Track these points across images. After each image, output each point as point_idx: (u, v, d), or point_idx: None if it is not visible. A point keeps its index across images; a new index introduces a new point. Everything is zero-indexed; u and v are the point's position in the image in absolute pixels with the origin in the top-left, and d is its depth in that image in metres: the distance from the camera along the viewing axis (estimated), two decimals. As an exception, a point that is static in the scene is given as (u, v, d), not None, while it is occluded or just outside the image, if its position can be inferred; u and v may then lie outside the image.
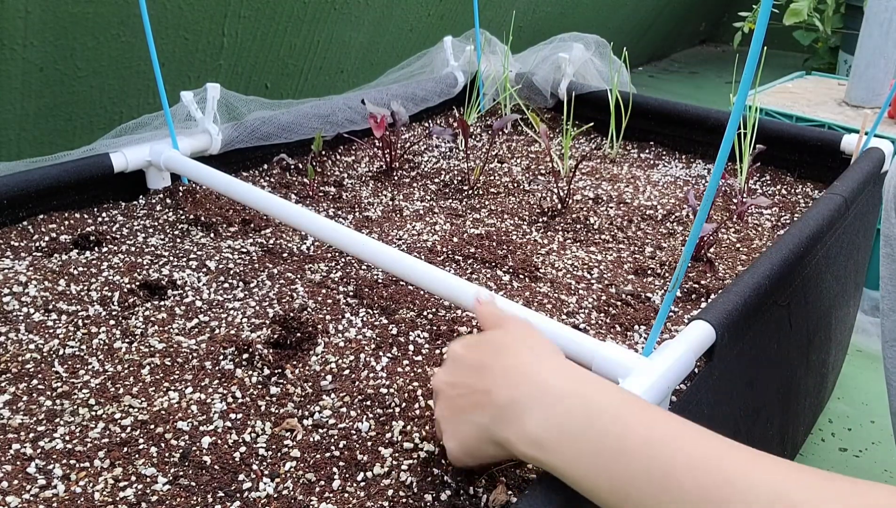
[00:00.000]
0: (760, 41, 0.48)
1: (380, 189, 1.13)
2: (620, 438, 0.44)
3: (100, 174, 0.99)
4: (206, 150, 1.10)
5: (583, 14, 3.15)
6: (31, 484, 0.54)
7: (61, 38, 1.40)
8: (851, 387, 1.43)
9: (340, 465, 0.57)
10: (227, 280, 0.83)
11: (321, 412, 0.62)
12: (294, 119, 1.19)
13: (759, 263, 0.76)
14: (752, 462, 0.41)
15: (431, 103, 1.44)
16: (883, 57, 1.83)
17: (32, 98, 1.44)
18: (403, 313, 0.78)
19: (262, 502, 0.53)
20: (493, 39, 1.52)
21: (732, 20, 2.77)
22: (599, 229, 1.02)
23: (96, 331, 0.73)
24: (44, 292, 0.79)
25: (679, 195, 1.13)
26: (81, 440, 0.59)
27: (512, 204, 1.09)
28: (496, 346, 0.53)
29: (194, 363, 0.68)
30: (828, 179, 1.16)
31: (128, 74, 1.57)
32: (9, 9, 1.28)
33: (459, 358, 0.54)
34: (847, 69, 2.44)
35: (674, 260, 0.93)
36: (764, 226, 1.05)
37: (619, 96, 1.29)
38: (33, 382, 0.65)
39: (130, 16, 1.47)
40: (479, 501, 0.54)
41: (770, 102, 1.89)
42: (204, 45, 1.69)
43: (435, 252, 0.93)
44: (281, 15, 1.79)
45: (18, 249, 0.88)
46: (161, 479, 0.55)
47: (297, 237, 0.96)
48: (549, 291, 0.84)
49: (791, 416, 1.01)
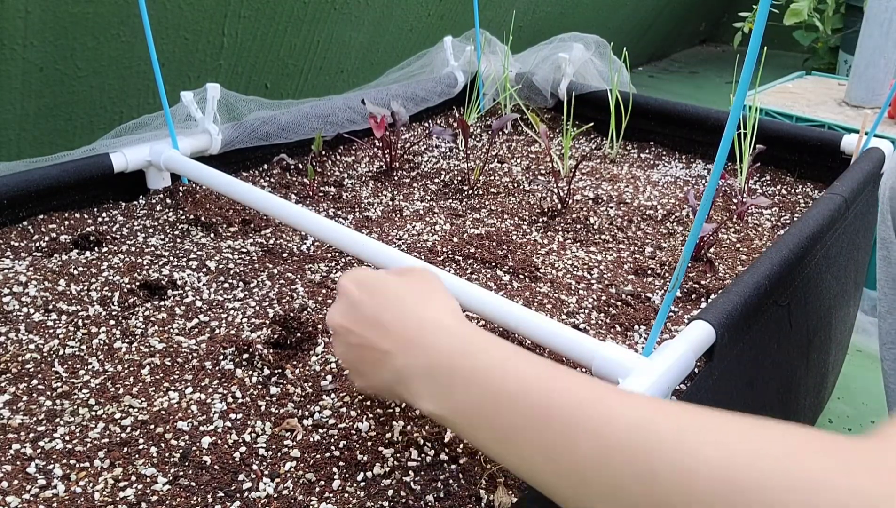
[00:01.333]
0: (759, 41, 0.48)
1: (380, 189, 1.13)
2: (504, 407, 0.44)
3: (100, 174, 0.99)
4: (206, 150, 1.10)
5: (583, 14, 3.15)
6: (31, 484, 0.54)
7: (61, 38, 1.40)
8: (851, 387, 1.43)
9: (340, 465, 0.57)
10: (227, 280, 0.83)
11: (321, 412, 0.62)
12: (294, 119, 1.19)
13: (759, 263, 0.76)
14: (626, 397, 0.40)
15: (431, 103, 1.44)
16: (883, 57, 1.83)
17: (32, 98, 1.44)
18: (403, 313, 0.78)
19: (262, 502, 0.53)
20: (493, 39, 1.52)
21: (732, 20, 2.77)
22: (599, 229, 1.02)
23: (96, 331, 0.73)
24: (44, 292, 0.79)
25: (679, 195, 1.13)
26: (81, 441, 0.59)
27: (512, 204, 1.09)
28: (392, 298, 0.52)
29: (194, 363, 0.68)
30: (828, 180, 1.16)
31: (128, 74, 1.57)
32: (9, 9, 1.28)
33: (356, 302, 0.53)
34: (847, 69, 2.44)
35: (674, 260, 0.93)
36: (764, 226, 1.05)
37: (619, 96, 1.29)
38: (33, 382, 0.65)
39: (130, 16, 1.47)
40: (480, 502, 0.54)
41: (770, 102, 1.89)
42: (204, 45, 1.69)
43: (435, 252, 0.93)
44: (281, 15, 1.79)
45: (18, 249, 0.88)
46: (161, 479, 0.55)
47: (297, 237, 0.96)
48: (549, 291, 0.84)
49: (791, 416, 1.01)
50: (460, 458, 0.58)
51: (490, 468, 0.57)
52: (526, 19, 2.81)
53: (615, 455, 0.37)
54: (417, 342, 0.50)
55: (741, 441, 0.35)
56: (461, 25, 2.43)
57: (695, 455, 0.35)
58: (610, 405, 0.40)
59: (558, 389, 0.42)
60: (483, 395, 0.45)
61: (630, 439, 0.37)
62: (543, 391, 0.42)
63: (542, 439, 0.41)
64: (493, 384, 0.45)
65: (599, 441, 0.38)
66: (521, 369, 0.45)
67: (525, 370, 0.44)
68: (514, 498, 0.54)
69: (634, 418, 0.38)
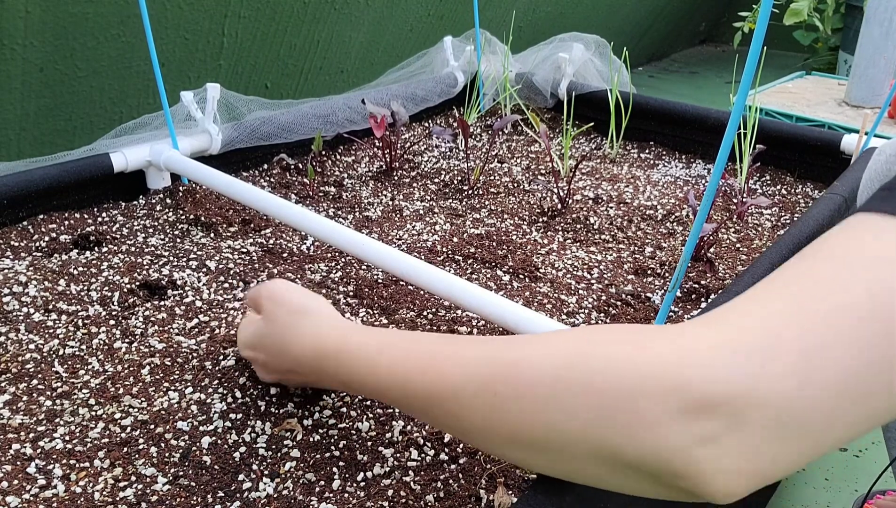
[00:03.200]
0: (760, 41, 0.48)
1: (380, 189, 1.13)
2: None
3: (100, 174, 0.99)
4: (206, 150, 1.10)
5: (583, 14, 3.15)
6: (31, 484, 0.54)
7: (61, 38, 1.40)
8: (851, 387, 1.43)
9: (340, 465, 0.57)
10: (227, 280, 0.83)
11: (321, 412, 0.62)
12: (294, 119, 1.19)
13: (759, 263, 0.76)
14: (469, 343, 0.47)
15: (431, 103, 1.44)
16: (883, 57, 1.83)
17: (32, 98, 1.44)
18: (403, 313, 0.78)
19: (262, 502, 0.53)
20: (493, 39, 1.52)
21: (732, 20, 2.77)
22: (599, 229, 1.02)
23: (96, 331, 0.73)
24: (44, 292, 0.79)
25: (679, 195, 1.13)
26: (81, 441, 0.59)
27: (512, 204, 1.09)
28: (273, 343, 0.60)
29: (194, 363, 0.68)
30: (828, 180, 1.16)
31: (128, 74, 1.57)
32: (9, 9, 1.28)
33: (258, 360, 0.62)
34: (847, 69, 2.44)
35: (674, 260, 0.93)
36: (764, 226, 1.05)
37: (619, 96, 1.29)
38: (33, 382, 0.65)
39: (130, 16, 1.47)
40: (480, 502, 0.54)
41: (770, 102, 1.89)
42: (204, 45, 1.69)
43: (435, 252, 0.93)
44: (281, 15, 1.79)
45: (18, 249, 0.88)
46: (161, 479, 0.55)
47: (297, 237, 0.96)
48: (549, 291, 0.84)
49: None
50: (460, 458, 0.58)
51: (490, 468, 0.57)
52: (526, 19, 2.81)
53: (468, 399, 0.43)
54: (306, 372, 0.58)
55: (563, 343, 0.41)
56: (461, 25, 2.43)
57: (526, 366, 0.41)
58: (454, 359, 0.46)
59: (413, 378, 0.48)
60: (369, 391, 0.52)
61: (474, 379, 0.43)
62: (403, 383, 0.48)
63: (427, 418, 0.48)
64: (369, 383, 0.51)
65: (455, 401, 0.44)
66: (384, 365, 0.50)
67: (388, 366, 0.50)
68: (514, 498, 0.54)
69: (476, 358, 0.44)
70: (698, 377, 0.35)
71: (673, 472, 0.35)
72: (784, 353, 0.34)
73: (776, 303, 0.36)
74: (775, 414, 0.34)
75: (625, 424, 0.36)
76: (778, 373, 0.34)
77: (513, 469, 0.56)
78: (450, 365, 0.45)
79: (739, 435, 0.34)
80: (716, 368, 0.35)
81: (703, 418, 0.34)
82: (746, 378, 0.34)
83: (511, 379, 0.41)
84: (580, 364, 0.38)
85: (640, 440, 0.35)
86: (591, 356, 0.39)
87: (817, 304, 0.35)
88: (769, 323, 0.35)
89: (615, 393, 0.36)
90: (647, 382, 0.36)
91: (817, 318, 0.35)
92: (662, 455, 0.35)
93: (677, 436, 0.35)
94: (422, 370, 0.47)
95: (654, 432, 0.35)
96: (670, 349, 0.36)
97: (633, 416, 0.36)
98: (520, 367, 0.41)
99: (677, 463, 0.35)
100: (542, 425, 0.39)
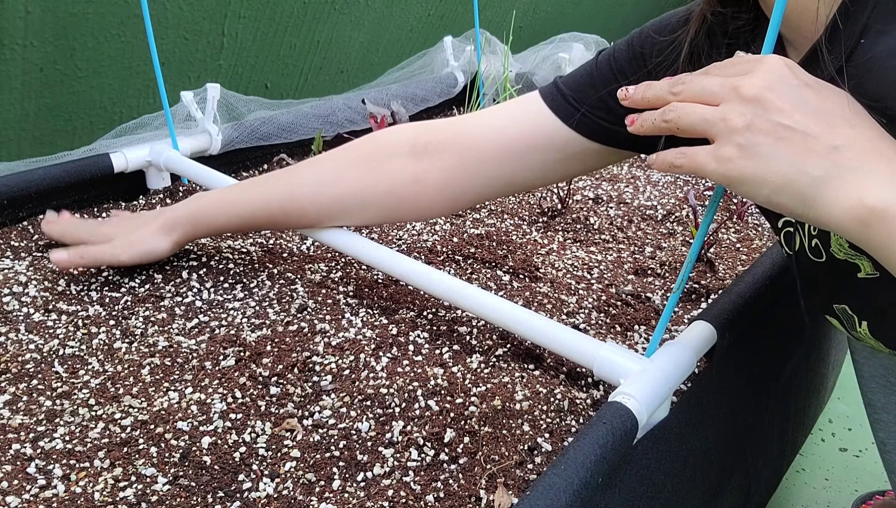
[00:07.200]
0: (773, 40, 0.47)
1: (380, 189, 1.13)
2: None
3: (100, 174, 0.99)
4: (206, 150, 1.10)
5: (583, 14, 3.15)
6: (31, 484, 0.54)
7: (61, 38, 1.40)
8: (851, 387, 1.43)
9: (340, 465, 0.57)
10: (226, 280, 0.83)
11: (321, 412, 0.62)
12: (294, 119, 1.19)
13: (759, 263, 0.76)
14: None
15: (431, 103, 1.44)
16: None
17: (32, 98, 1.43)
18: (403, 313, 0.78)
19: (262, 502, 0.53)
20: (493, 39, 1.52)
21: (732, 20, 2.76)
22: (599, 229, 1.02)
23: (96, 331, 0.73)
24: (44, 292, 0.79)
25: (679, 195, 1.13)
26: (81, 441, 0.59)
27: (512, 204, 1.09)
28: (845, 107, 0.47)
29: (194, 363, 0.68)
30: (828, 180, 1.16)
31: (128, 74, 1.57)
32: (9, 9, 1.28)
33: (795, 91, 0.47)
34: (847, 69, 2.43)
35: (674, 260, 0.93)
36: (764, 226, 1.05)
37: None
38: (33, 382, 0.65)
39: (130, 16, 1.47)
40: (480, 502, 0.54)
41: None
42: (204, 45, 1.69)
43: (435, 252, 0.92)
44: (281, 15, 1.79)
45: (18, 249, 0.88)
46: (161, 479, 0.55)
47: (297, 237, 0.96)
48: (549, 291, 0.84)
49: (791, 416, 1.01)
50: (460, 458, 0.58)
51: (490, 468, 0.57)
52: (526, 19, 2.81)
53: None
54: (875, 150, 0.46)
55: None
56: (461, 25, 2.43)
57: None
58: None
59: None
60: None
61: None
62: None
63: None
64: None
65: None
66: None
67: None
68: (515, 499, 0.54)
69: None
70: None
71: None
72: None
73: None
74: None
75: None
76: None
77: (513, 469, 0.56)
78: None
79: None
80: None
81: None
82: None
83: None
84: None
85: None
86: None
87: None
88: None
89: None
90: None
91: None
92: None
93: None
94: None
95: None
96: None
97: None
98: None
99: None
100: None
